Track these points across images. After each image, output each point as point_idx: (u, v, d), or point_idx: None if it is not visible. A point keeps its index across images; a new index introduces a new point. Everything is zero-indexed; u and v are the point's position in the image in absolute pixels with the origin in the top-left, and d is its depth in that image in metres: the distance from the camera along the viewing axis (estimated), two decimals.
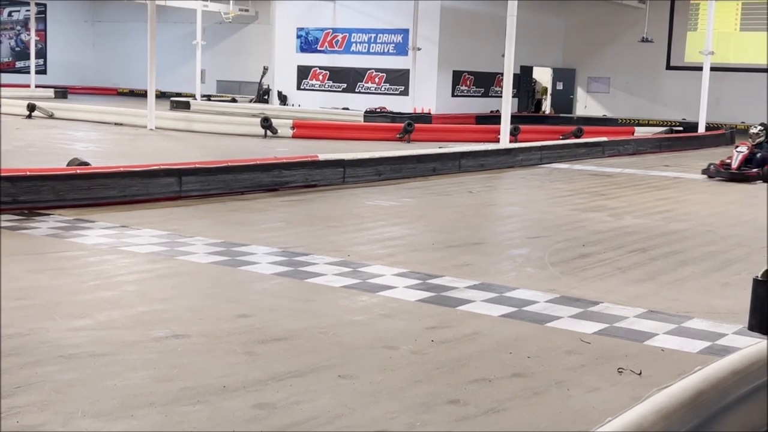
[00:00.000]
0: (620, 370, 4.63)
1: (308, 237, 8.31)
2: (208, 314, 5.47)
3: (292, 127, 20.75)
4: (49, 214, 8.77)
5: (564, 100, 34.19)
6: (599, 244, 8.38)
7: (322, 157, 12.18)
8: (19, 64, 41.31)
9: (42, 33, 41.63)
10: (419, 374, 4.47)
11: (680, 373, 3.00)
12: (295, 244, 7.86)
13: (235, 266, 6.87)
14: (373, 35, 30.03)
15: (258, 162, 11.47)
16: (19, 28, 41.78)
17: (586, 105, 34.00)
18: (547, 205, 11.19)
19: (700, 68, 23.86)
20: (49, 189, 9.08)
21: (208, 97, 34.28)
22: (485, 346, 5.00)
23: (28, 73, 36.67)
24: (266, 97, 32.72)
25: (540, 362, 4.73)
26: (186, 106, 29.21)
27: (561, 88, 34.35)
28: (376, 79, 30.18)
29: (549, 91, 34.76)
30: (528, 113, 32.31)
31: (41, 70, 40.26)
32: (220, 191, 10.58)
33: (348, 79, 30.80)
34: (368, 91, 30.27)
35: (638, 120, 30.05)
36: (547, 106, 34.72)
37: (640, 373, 4.58)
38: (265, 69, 33.10)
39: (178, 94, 35.53)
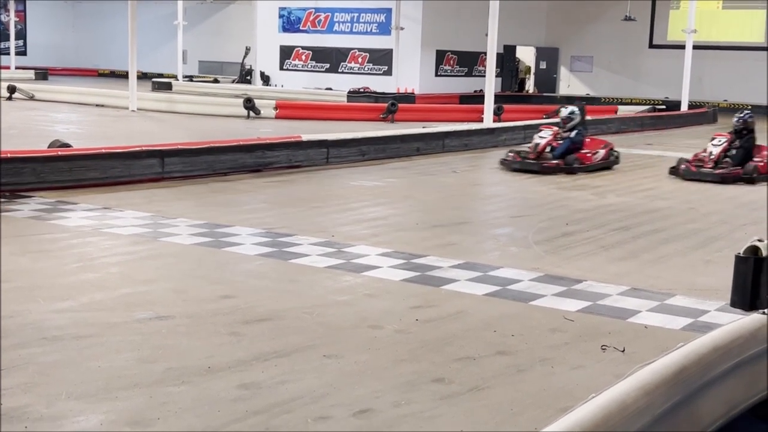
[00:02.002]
0: (604, 347, 4.65)
1: (292, 218, 8.30)
2: (191, 295, 5.46)
3: (275, 108, 20.66)
4: (30, 197, 8.71)
5: (547, 80, 34.18)
6: (582, 223, 8.40)
7: (305, 137, 12.15)
8: None
9: (21, 14, 41.18)
10: (404, 353, 4.48)
11: (663, 350, 3.02)
12: (279, 225, 7.84)
13: (218, 247, 6.85)
14: (356, 15, 29.88)
15: (241, 143, 11.42)
16: None
17: (569, 84, 34.01)
18: (531, 185, 11.20)
19: (682, 47, 23.90)
20: (30, 171, 9.01)
21: (190, 78, 34.08)
22: (469, 325, 5.02)
23: (8, 54, 36.28)
24: (249, 77, 32.54)
25: (524, 340, 4.75)
26: (168, 87, 29.01)
27: (544, 67, 34.32)
28: (360, 59, 30.06)
29: (532, 71, 34.72)
30: (511, 93, 32.27)
31: (21, 52, 39.86)
32: (203, 172, 10.54)
33: (331, 59, 30.66)
34: (351, 71, 30.15)
35: (621, 99, 30.09)
36: (530, 86, 34.70)
37: (623, 350, 4.60)
38: (248, 49, 32.88)
39: (160, 75, 35.28)
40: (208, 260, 6.49)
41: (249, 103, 20.17)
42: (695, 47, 23.92)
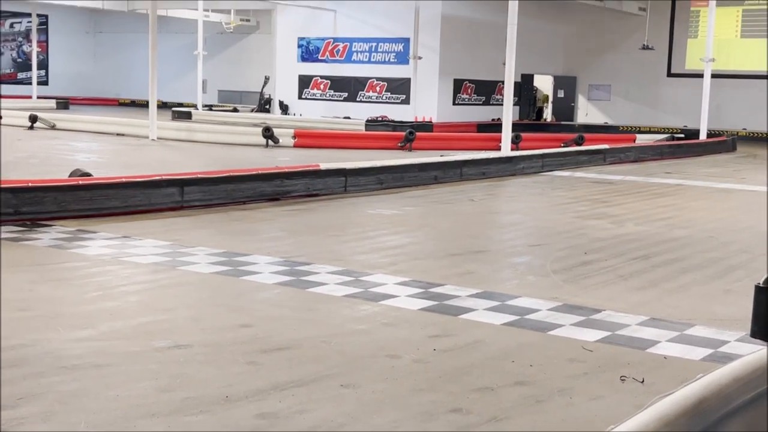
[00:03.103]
0: (623, 377, 4.62)
1: (310, 246, 8.32)
2: (210, 324, 5.47)
3: (294, 137, 20.77)
4: (51, 225, 8.78)
5: (565, 108, 34.21)
6: (601, 252, 8.38)
7: (323, 166, 12.20)
8: (21, 75, 41.40)
9: (44, 44, 41.74)
10: (422, 383, 4.47)
11: (683, 381, 3.00)
12: (297, 253, 7.86)
13: (237, 276, 6.87)
14: (374, 44, 30.09)
15: (260, 172, 11.48)
16: (20, 39, 41.89)
17: (587, 112, 34.02)
18: (549, 213, 11.19)
19: (701, 75, 23.88)
20: (52, 200, 9.09)
21: (210, 107, 34.35)
22: (487, 355, 5.00)
23: (30, 84, 36.77)
24: (267, 106, 32.78)
25: (542, 370, 4.73)
26: (188, 116, 29.27)
27: (562, 95, 34.37)
28: (378, 88, 30.23)
29: (550, 99, 34.78)
30: (529, 121, 32.32)
31: (43, 81, 40.37)
32: (222, 201, 10.59)
33: (349, 88, 30.84)
34: (369, 100, 30.31)
35: (639, 127, 30.07)
36: (548, 114, 34.74)
37: (642, 381, 4.57)
38: (267, 78, 33.16)
39: (180, 104, 35.61)
40: (226, 289, 6.51)
41: (268, 132, 20.29)
42: (713, 76, 23.90)
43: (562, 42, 34.03)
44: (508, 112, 17.30)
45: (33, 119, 23.48)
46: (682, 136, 25.49)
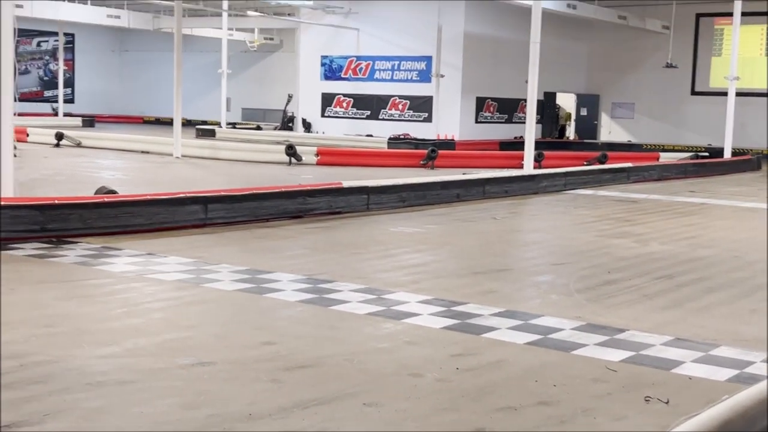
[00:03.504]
0: (647, 398, 4.59)
1: (333, 264, 8.34)
2: (233, 341, 5.50)
3: (317, 154, 20.86)
4: (76, 242, 8.86)
5: (588, 126, 34.15)
6: (625, 271, 8.34)
7: (346, 184, 12.24)
8: (47, 93, 41.91)
9: (70, 62, 42.25)
10: (444, 402, 4.47)
11: (708, 402, 2.99)
12: (320, 271, 7.89)
13: (260, 293, 6.90)
14: (397, 62, 30.20)
15: (283, 189, 11.53)
16: (47, 57, 42.44)
17: (610, 131, 33.93)
18: (572, 232, 11.15)
19: (725, 93, 23.78)
20: (77, 217, 9.18)
21: (234, 125, 34.57)
22: (511, 374, 4.99)
23: (56, 102, 37.18)
24: (291, 124, 32.95)
25: (566, 390, 4.71)
26: (211, 133, 29.48)
27: (585, 113, 34.31)
28: (400, 106, 30.31)
29: (573, 117, 34.74)
30: (552, 139, 32.28)
31: (69, 99, 40.83)
32: (245, 218, 10.64)
33: (372, 106, 30.95)
34: (392, 117, 30.40)
35: (663, 145, 29.95)
36: (571, 132, 34.68)
37: (667, 402, 4.54)
38: (290, 96, 33.36)
39: (204, 122, 35.87)
40: (249, 306, 6.54)
41: (291, 150, 20.39)
42: (738, 94, 23.78)
43: (585, 60, 34.02)
44: (530, 130, 17.29)
45: (59, 137, 23.73)
46: (707, 154, 25.35)
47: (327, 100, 31.92)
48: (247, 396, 4.45)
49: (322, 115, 32.00)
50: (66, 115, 36.19)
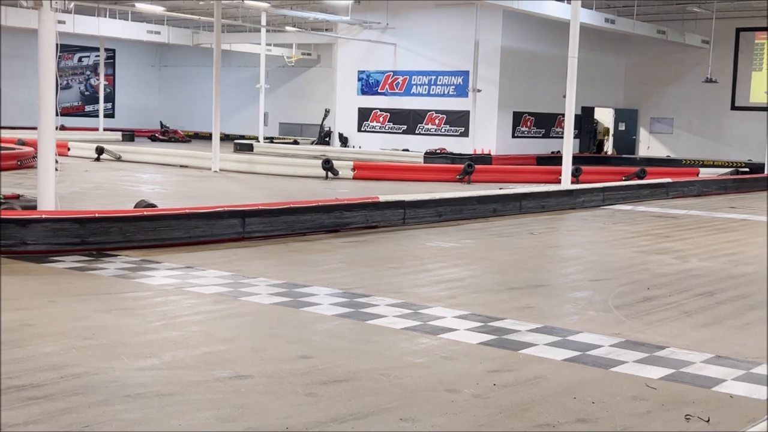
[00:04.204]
0: (688, 417, 4.53)
1: (369, 278, 8.34)
2: (270, 355, 5.52)
3: (353, 169, 20.92)
4: (116, 255, 8.96)
5: (626, 141, 33.89)
6: (664, 288, 8.25)
7: (382, 198, 12.25)
8: (88, 108, 42.52)
9: (111, 77, 42.84)
10: (482, 418, 4.44)
11: (749, 421, 2.94)
12: (356, 285, 7.89)
13: (296, 307, 6.92)
14: (434, 77, 30.22)
15: (320, 203, 11.58)
16: (88, 72, 43.07)
17: (648, 146, 33.64)
18: (610, 247, 11.06)
19: (765, 108, 23.49)
20: (117, 230, 9.28)
21: (271, 140, 34.79)
22: (548, 391, 4.95)
23: (97, 116, 37.70)
24: (327, 138, 33.09)
25: (605, 408, 4.66)
26: (249, 148, 29.70)
27: (623, 128, 34.06)
28: (436, 121, 30.31)
29: (611, 132, 34.49)
30: (590, 154, 32.06)
31: (109, 114, 41.39)
32: (282, 232, 10.69)
33: (408, 121, 30.98)
34: (428, 132, 30.40)
35: (703, 161, 29.59)
36: (609, 147, 34.44)
37: (708, 420, 4.48)
38: (327, 111, 33.52)
39: (242, 137, 36.15)
40: (286, 320, 6.56)
41: (327, 164, 20.47)
42: None
43: (624, 74, 33.79)
44: (568, 145, 17.19)
45: (100, 151, 24.05)
46: (747, 170, 25.03)
47: (364, 114, 32.02)
48: (284, 410, 4.46)
49: (359, 130, 32.09)
50: (106, 129, 36.69)
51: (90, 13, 32.34)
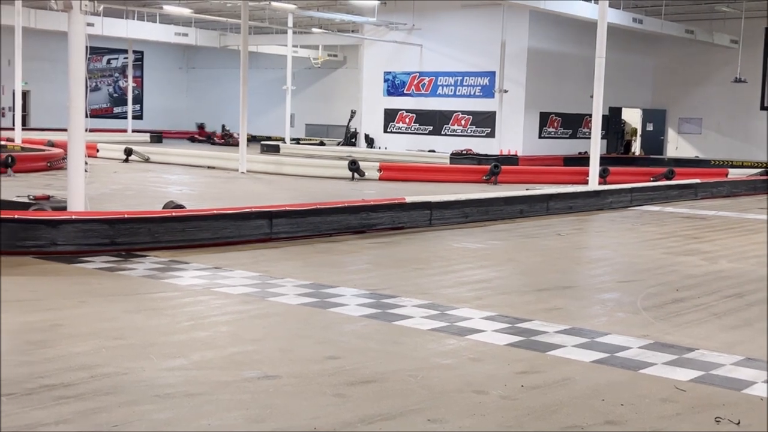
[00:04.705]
0: (718, 419, 4.50)
1: (395, 279, 8.35)
2: (298, 355, 5.54)
3: (379, 170, 20.94)
4: (145, 256, 9.03)
5: (654, 141, 33.66)
6: (693, 289, 8.18)
7: (408, 199, 12.25)
8: (116, 110, 42.88)
9: (139, 79, 43.18)
10: (510, 420, 4.43)
11: None
12: (383, 286, 7.90)
13: (323, 308, 6.94)
14: (460, 78, 30.19)
15: (346, 204, 11.60)
16: (117, 74, 43.44)
17: (677, 146, 33.39)
18: (639, 249, 10.99)
19: None
20: (146, 231, 9.35)
21: (297, 141, 34.93)
22: (576, 393, 4.92)
23: (126, 118, 38.03)
24: (353, 140, 33.15)
25: (634, 410, 4.63)
26: (276, 149, 29.82)
27: (651, 129, 33.83)
28: (463, 122, 30.28)
29: (639, 132, 34.27)
30: (617, 155, 31.89)
31: (138, 116, 41.70)
32: (309, 233, 10.72)
33: (434, 122, 30.97)
34: (454, 133, 30.38)
35: (732, 161, 29.31)
36: (636, 148, 34.22)
37: (738, 423, 4.44)
38: (353, 112, 33.58)
39: (268, 138, 36.31)
40: (313, 320, 6.58)
41: (353, 165, 20.51)
42: None
43: (651, 74, 33.57)
44: (595, 146, 17.10)
45: (128, 152, 24.25)
46: None
47: (390, 115, 32.04)
48: (312, 410, 4.48)
49: (385, 131, 32.12)
50: (135, 131, 36.98)
51: (118, 16, 32.64)
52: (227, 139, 37.11)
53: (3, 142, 25.13)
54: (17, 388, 4.65)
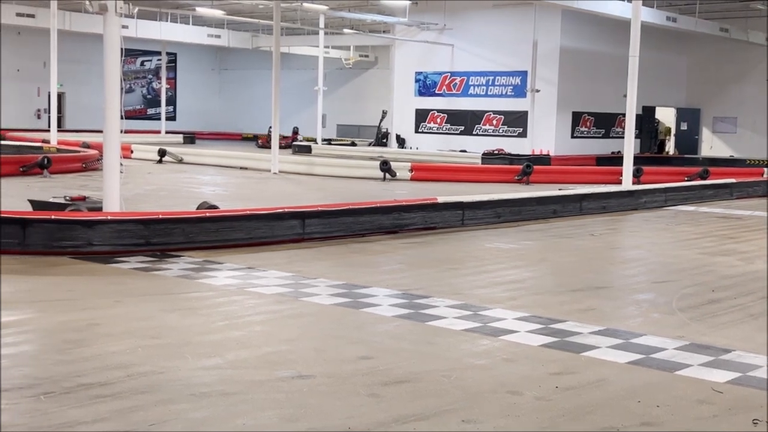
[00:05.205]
0: (755, 421, 4.45)
1: (428, 279, 8.34)
2: (331, 355, 5.55)
3: (411, 170, 20.93)
4: (179, 256, 9.10)
5: (688, 141, 33.33)
6: (729, 290, 8.09)
7: (441, 199, 12.24)
8: (150, 111, 43.26)
9: (172, 81, 43.54)
10: (544, 421, 4.41)
11: None
12: (416, 286, 7.90)
13: (356, 308, 6.95)
14: (491, 78, 30.10)
15: (378, 205, 11.61)
16: (150, 76, 43.83)
17: (711, 145, 33.04)
18: (673, 249, 10.89)
19: None
20: (180, 231, 9.42)
21: (329, 141, 35.01)
22: (612, 394, 4.89)
23: (159, 119, 38.34)
24: (385, 140, 33.17)
25: (670, 411, 4.59)
26: (307, 150, 29.91)
27: (685, 128, 33.50)
28: (494, 122, 30.18)
29: (672, 132, 33.96)
30: (651, 154, 31.60)
31: (171, 117, 42.07)
32: (341, 233, 10.75)
33: (466, 122, 30.91)
34: (486, 133, 30.29)
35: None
36: (670, 147, 33.90)
37: None
38: (384, 113, 33.59)
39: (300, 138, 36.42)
40: (346, 320, 6.60)
41: (385, 166, 20.52)
42: None
43: (685, 73, 33.25)
44: (629, 145, 16.98)
45: (162, 153, 24.45)
46: None
47: (421, 115, 32.02)
48: (346, 410, 4.49)
49: (416, 131, 32.11)
50: (168, 132, 37.28)
51: (152, 18, 32.93)
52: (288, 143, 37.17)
53: (39, 144, 25.50)
54: (55, 387, 4.71)
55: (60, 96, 33.49)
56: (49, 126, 26.52)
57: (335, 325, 6.46)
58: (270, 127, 36.10)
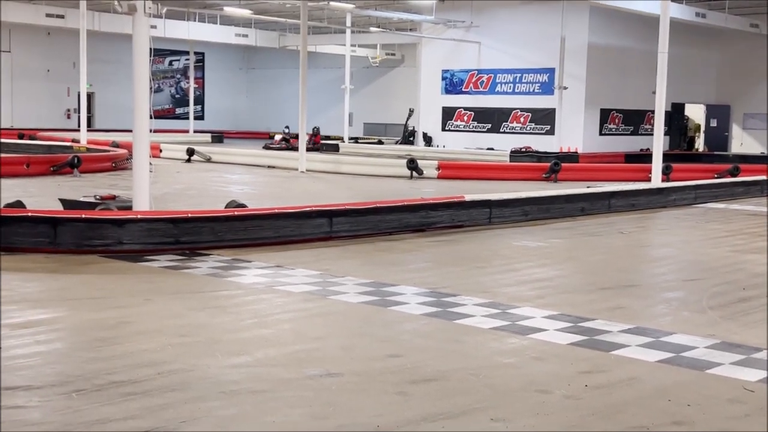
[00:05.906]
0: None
1: (456, 277, 8.33)
2: (359, 353, 5.56)
3: (438, 168, 20.91)
4: (208, 254, 9.15)
5: (718, 138, 33.00)
6: (761, 288, 8.01)
7: (468, 197, 12.21)
8: (178, 111, 43.53)
9: (200, 80, 43.78)
10: (574, 420, 4.39)
11: None
12: (443, 284, 7.89)
13: (384, 306, 6.96)
14: (519, 75, 29.99)
15: (405, 203, 11.61)
16: (178, 76, 44.09)
17: (742, 142, 32.69)
18: (704, 247, 10.80)
19: None
20: (209, 230, 9.48)
21: (356, 140, 35.03)
22: (642, 393, 4.86)
23: (187, 118, 38.57)
24: (412, 138, 33.15)
25: (701, 411, 4.56)
26: (335, 148, 29.95)
27: (715, 125, 33.18)
28: (522, 119, 30.06)
29: (702, 129, 33.64)
30: (680, 151, 31.34)
31: (199, 116, 42.30)
32: (368, 232, 10.75)
33: (493, 120, 30.81)
34: (513, 130, 30.18)
35: None
36: (700, 144, 33.60)
37: None
38: (411, 111, 33.57)
39: (327, 137, 36.44)
40: (374, 318, 6.61)
41: (412, 164, 20.51)
42: None
43: (715, 69, 32.92)
44: (658, 142, 16.84)
45: (190, 152, 24.59)
46: None
47: (448, 113, 31.97)
48: (375, 408, 4.49)
49: (443, 129, 32.05)
50: (196, 131, 37.50)
51: (180, 18, 33.13)
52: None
53: (69, 144, 25.75)
54: (87, 384, 4.76)
55: (89, 96, 33.78)
56: (78, 126, 26.78)
57: (363, 323, 6.47)
58: (285, 127, 36.45)
